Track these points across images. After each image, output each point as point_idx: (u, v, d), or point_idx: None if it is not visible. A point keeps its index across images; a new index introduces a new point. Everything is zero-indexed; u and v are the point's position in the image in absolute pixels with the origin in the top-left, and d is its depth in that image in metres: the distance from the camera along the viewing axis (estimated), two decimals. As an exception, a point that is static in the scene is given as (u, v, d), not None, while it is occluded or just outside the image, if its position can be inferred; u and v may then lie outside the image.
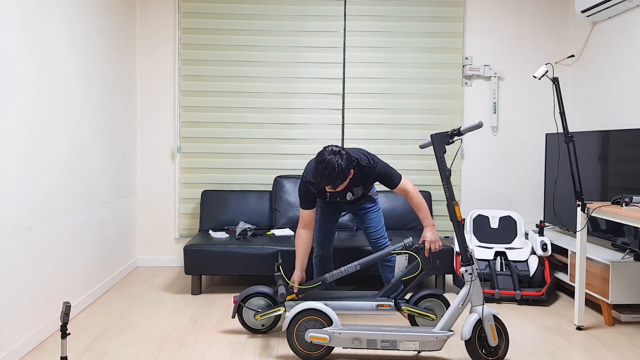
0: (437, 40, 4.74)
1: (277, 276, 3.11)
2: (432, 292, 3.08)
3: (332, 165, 2.81)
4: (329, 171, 2.81)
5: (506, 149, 4.81)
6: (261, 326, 3.16)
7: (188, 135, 4.71)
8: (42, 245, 3.00)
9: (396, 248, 3.03)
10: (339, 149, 2.89)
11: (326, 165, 2.81)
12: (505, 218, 4.24)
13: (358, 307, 3.00)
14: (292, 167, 4.76)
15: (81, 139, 3.53)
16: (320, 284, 3.07)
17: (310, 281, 3.09)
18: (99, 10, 3.82)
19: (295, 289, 3.05)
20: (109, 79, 4.03)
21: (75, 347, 2.93)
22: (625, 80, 3.97)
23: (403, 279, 3.02)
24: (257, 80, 4.71)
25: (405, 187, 3.12)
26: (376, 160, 3.11)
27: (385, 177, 3.10)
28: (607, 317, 3.35)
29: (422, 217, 3.10)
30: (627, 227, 3.46)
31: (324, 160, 2.83)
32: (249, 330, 3.15)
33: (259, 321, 3.15)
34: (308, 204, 3.12)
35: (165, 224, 4.75)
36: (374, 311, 3.00)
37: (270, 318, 3.15)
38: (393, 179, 3.10)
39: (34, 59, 2.90)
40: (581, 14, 4.21)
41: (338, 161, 2.82)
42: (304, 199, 3.13)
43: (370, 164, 3.08)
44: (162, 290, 4.02)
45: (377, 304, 3.00)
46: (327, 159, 2.83)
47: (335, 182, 2.85)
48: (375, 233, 3.37)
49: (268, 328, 3.16)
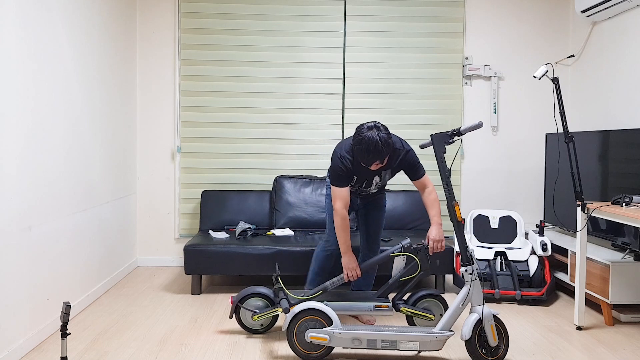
0: (437, 40, 4.74)
1: (277, 289, 3.07)
2: (430, 292, 3.07)
3: (374, 140, 2.76)
4: (373, 146, 2.76)
5: (506, 149, 4.81)
6: (260, 326, 3.15)
7: (188, 135, 4.71)
8: (42, 245, 3.00)
9: (395, 250, 3.01)
10: (374, 123, 2.85)
11: (369, 141, 2.76)
12: (505, 218, 4.24)
13: (355, 307, 2.99)
14: (292, 167, 4.76)
15: (81, 138, 3.53)
16: (322, 292, 3.05)
17: (311, 291, 3.06)
18: (99, 11, 3.82)
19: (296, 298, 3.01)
20: (109, 79, 4.03)
21: (75, 347, 2.93)
22: (625, 80, 3.97)
23: (401, 280, 3.01)
24: (257, 80, 4.71)
25: (427, 182, 3.07)
26: (407, 146, 3.04)
27: (413, 166, 3.04)
28: (607, 317, 3.35)
29: (433, 214, 3.00)
30: (627, 227, 3.46)
31: (365, 138, 2.78)
32: (247, 330, 3.15)
33: (257, 321, 3.14)
34: (344, 181, 2.99)
35: (165, 224, 4.75)
36: (372, 312, 2.99)
37: (269, 318, 3.15)
38: (419, 169, 3.05)
39: (33, 58, 2.90)
40: (581, 14, 4.21)
41: (379, 134, 2.78)
42: (340, 175, 2.97)
43: (403, 148, 3.02)
44: (162, 290, 4.02)
45: (375, 305, 2.99)
46: (368, 135, 2.78)
47: (382, 155, 2.79)
48: (378, 234, 3.34)
49: (266, 328, 3.16)
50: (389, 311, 2.99)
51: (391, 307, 2.99)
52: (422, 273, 2.97)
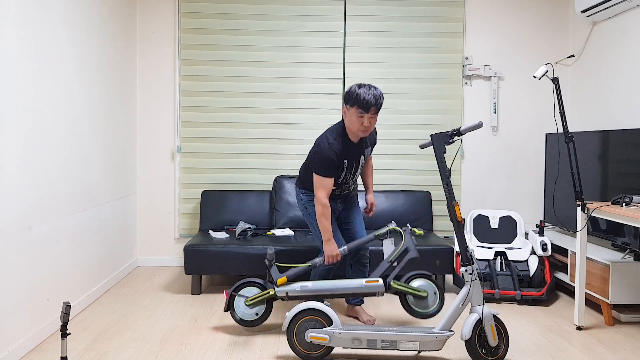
0: (437, 40, 4.74)
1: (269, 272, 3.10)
2: (421, 272, 3.11)
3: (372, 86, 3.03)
4: (373, 88, 3.01)
5: (506, 149, 4.81)
6: (255, 315, 3.10)
7: (188, 135, 4.71)
8: (42, 245, 3.00)
9: (381, 231, 3.10)
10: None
11: (368, 86, 3.02)
12: (505, 218, 4.24)
13: (347, 285, 3.02)
14: (292, 167, 4.76)
15: (81, 138, 3.53)
16: (310, 265, 3.08)
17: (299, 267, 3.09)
18: (99, 11, 3.82)
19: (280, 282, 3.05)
20: (109, 79, 4.03)
21: (75, 347, 2.93)
22: (625, 80, 3.97)
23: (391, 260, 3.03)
24: (257, 80, 4.71)
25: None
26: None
27: (375, 141, 3.35)
28: (607, 317, 3.35)
29: (372, 182, 3.46)
30: (627, 227, 3.46)
31: (363, 85, 3.03)
32: (244, 325, 3.11)
33: (252, 309, 3.10)
34: (332, 170, 3.07)
35: (165, 224, 4.75)
36: (363, 287, 3.00)
37: (263, 306, 3.11)
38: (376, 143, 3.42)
39: (33, 58, 2.90)
40: (581, 14, 4.21)
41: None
42: (328, 165, 3.06)
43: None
44: (162, 290, 4.02)
45: (366, 280, 3.02)
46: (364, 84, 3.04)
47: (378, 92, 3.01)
48: (362, 225, 3.42)
49: (262, 317, 3.11)
50: (380, 287, 2.99)
51: (382, 284, 2.99)
52: (410, 253, 3.01)
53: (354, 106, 3.01)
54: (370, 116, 3.01)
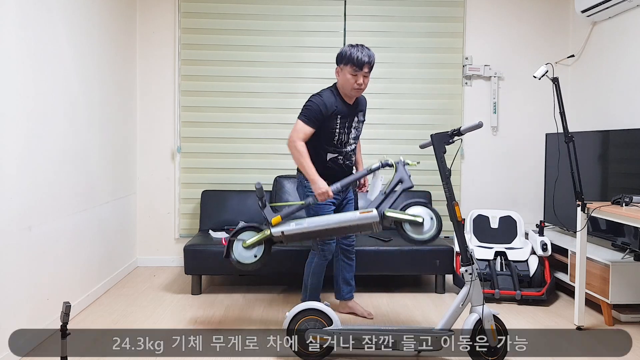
0: (437, 40, 4.74)
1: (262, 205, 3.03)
2: (416, 200, 2.98)
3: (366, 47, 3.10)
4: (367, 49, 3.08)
5: (506, 149, 4.81)
6: (254, 257, 3.00)
7: (188, 135, 4.71)
8: (42, 245, 2.99)
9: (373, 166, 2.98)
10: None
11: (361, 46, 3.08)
12: (505, 218, 4.24)
13: (341, 219, 2.90)
14: (292, 167, 4.72)
15: (81, 138, 3.53)
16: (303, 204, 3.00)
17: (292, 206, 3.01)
18: (99, 11, 3.82)
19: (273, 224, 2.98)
20: (109, 79, 4.03)
21: (75, 347, 2.93)
22: (625, 80, 3.97)
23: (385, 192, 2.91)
24: (257, 80, 4.70)
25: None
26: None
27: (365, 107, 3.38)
28: (607, 317, 3.35)
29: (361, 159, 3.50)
30: (627, 227, 3.46)
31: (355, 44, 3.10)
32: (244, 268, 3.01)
33: (250, 251, 3.00)
34: (317, 121, 3.12)
35: (165, 224, 4.75)
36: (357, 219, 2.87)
37: (262, 247, 3.00)
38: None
39: (33, 58, 2.90)
40: (581, 14, 4.21)
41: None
42: (316, 114, 3.11)
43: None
44: (162, 290, 4.02)
45: (360, 212, 2.89)
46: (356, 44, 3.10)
47: (372, 59, 3.09)
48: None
49: (261, 259, 2.99)
50: (374, 216, 2.85)
51: (376, 214, 2.86)
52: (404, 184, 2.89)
53: (347, 65, 3.06)
54: (364, 74, 3.07)
